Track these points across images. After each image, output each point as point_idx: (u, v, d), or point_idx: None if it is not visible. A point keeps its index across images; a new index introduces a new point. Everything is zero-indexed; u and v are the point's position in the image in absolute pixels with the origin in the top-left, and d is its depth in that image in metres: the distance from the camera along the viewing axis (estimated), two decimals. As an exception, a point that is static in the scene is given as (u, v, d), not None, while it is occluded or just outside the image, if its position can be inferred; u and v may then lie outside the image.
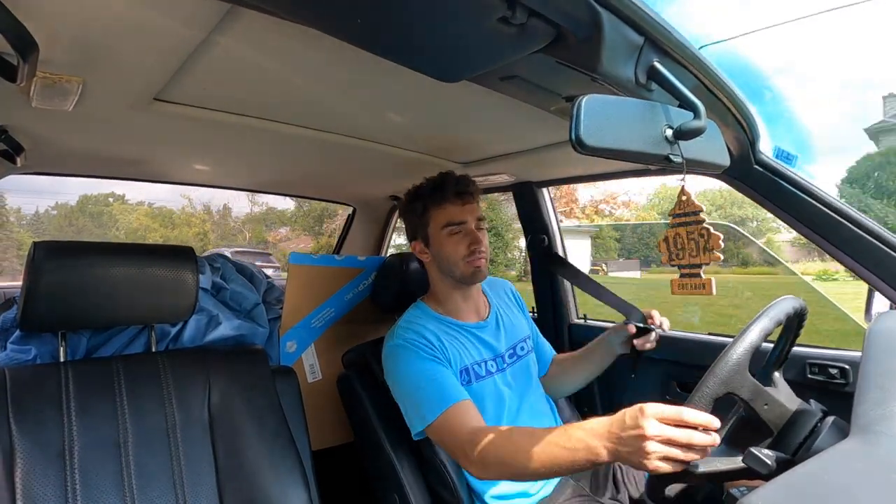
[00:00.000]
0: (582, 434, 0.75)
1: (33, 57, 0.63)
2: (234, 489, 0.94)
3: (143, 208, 23.17)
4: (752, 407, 0.69)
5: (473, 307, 1.19)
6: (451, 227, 1.11)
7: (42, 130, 1.06)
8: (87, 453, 0.87)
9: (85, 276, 0.93)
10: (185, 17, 0.64)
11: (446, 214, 1.11)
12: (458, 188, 1.11)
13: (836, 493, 0.50)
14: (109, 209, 23.48)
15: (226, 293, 1.29)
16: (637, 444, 0.66)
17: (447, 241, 1.11)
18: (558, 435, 0.78)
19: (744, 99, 0.77)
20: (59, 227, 22.26)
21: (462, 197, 1.11)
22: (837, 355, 1.07)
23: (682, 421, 0.65)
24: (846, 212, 0.86)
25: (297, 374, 1.14)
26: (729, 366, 0.67)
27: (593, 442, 0.73)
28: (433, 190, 1.13)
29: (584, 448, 0.74)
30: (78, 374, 0.92)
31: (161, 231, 21.61)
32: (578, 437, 0.75)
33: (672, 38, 0.60)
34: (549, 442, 0.78)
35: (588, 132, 0.51)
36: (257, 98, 0.94)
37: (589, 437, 0.74)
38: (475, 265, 1.10)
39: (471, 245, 1.10)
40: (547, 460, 0.78)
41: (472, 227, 1.11)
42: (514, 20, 0.51)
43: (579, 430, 0.76)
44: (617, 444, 0.70)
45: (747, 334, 0.68)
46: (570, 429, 0.78)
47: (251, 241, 21.58)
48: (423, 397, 0.99)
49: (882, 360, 0.64)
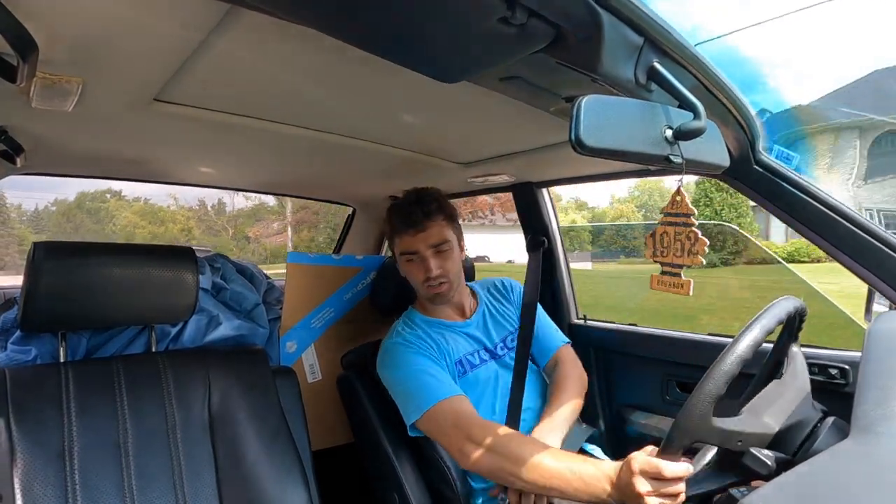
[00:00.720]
0: (597, 473, 0.82)
1: (33, 57, 0.63)
2: (234, 489, 0.94)
3: (137, 205, 24.30)
4: (727, 448, 0.70)
5: (457, 309, 1.24)
6: (406, 256, 1.16)
7: (42, 131, 1.06)
8: (87, 453, 0.87)
9: (85, 277, 0.93)
10: (184, 18, 0.63)
11: (401, 244, 1.16)
12: (409, 217, 1.13)
13: (836, 493, 0.50)
14: (106, 205, 24.43)
15: (226, 293, 1.29)
16: (637, 500, 0.74)
17: (407, 268, 1.17)
18: (572, 461, 0.86)
19: (744, 99, 0.77)
20: (58, 223, 23.05)
21: (415, 226, 1.13)
22: (837, 355, 1.07)
23: (662, 476, 0.72)
24: (846, 212, 0.86)
25: (297, 374, 1.15)
26: (693, 418, 0.67)
27: (603, 483, 0.81)
28: (394, 215, 1.17)
29: (601, 490, 0.81)
30: (78, 374, 0.92)
31: (149, 228, 22.84)
32: (595, 476, 0.82)
33: (672, 38, 0.60)
34: (568, 470, 0.84)
35: (588, 133, 0.51)
36: (257, 98, 0.94)
37: (604, 479, 0.81)
38: (433, 291, 1.15)
39: (425, 273, 1.13)
40: (560, 485, 0.84)
41: (425, 254, 1.13)
42: (513, 21, 0.51)
43: (589, 467, 0.83)
44: (621, 492, 0.78)
45: (705, 384, 0.67)
46: (578, 459, 0.85)
47: (234, 236, 22.80)
48: (416, 389, 1.02)
49: (882, 360, 0.64)
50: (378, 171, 1.52)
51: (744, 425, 0.69)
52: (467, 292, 1.28)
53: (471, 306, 1.26)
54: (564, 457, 0.87)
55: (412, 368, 1.05)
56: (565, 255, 1.66)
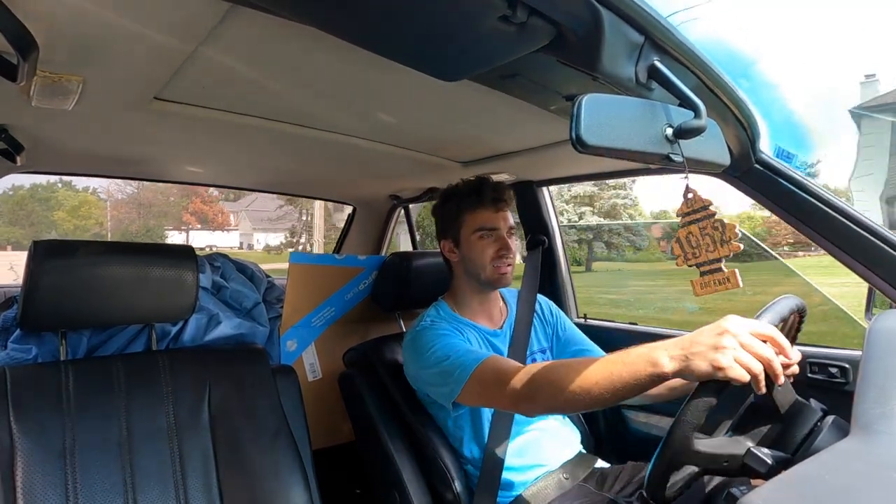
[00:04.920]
0: (644, 349, 0.72)
1: (33, 56, 0.63)
2: (234, 488, 0.94)
3: (83, 195, 28.38)
4: (714, 469, 0.69)
5: (487, 313, 1.22)
6: (482, 232, 1.14)
7: (42, 130, 1.06)
8: (87, 453, 0.87)
9: (85, 276, 0.93)
10: (185, 17, 0.63)
11: (480, 219, 1.14)
12: (494, 194, 1.14)
13: (835, 491, 0.50)
14: (56, 195, 28.31)
15: (226, 292, 1.29)
16: (713, 340, 0.64)
17: (477, 245, 1.14)
18: (616, 354, 0.76)
19: (744, 97, 0.77)
20: (12, 210, 27.57)
21: (497, 203, 1.14)
22: (837, 354, 1.07)
23: (770, 337, 0.64)
24: (846, 210, 0.86)
25: (298, 373, 1.15)
26: (673, 447, 0.66)
27: (656, 352, 0.69)
28: (469, 193, 1.15)
29: (646, 360, 0.70)
30: (78, 373, 0.92)
31: (72, 221, 26.96)
32: (639, 352, 0.72)
33: (672, 37, 0.60)
34: (607, 360, 0.76)
35: (588, 131, 0.51)
36: (257, 97, 0.94)
37: (651, 350, 0.71)
38: (501, 271, 1.14)
39: (500, 250, 1.13)
40: (603, 378, 0.73)
41: (503, 233, 1.14)
42: (514, 19, 0.51)
43: (642, 347, 0.73)
44: (687, 348, 0.66)
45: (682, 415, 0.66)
46: (630, 349, 0.75)
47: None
48: (453, 363, 0.99)
49: (882, 359, 0.64)
50: (378, 169, 1.52)
51: (724, 442, 0.70)
52: (499, 297, 1.26)
53: (501, 313, 1.24)
54: (606, 357, 0.78)
55: (442, 349, 1.03)
56: (565, 254, 1.66)
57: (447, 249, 1.19)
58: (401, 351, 1.21)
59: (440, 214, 1.21)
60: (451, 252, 1.19)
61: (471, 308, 1.19)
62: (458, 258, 1.18)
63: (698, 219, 0.67)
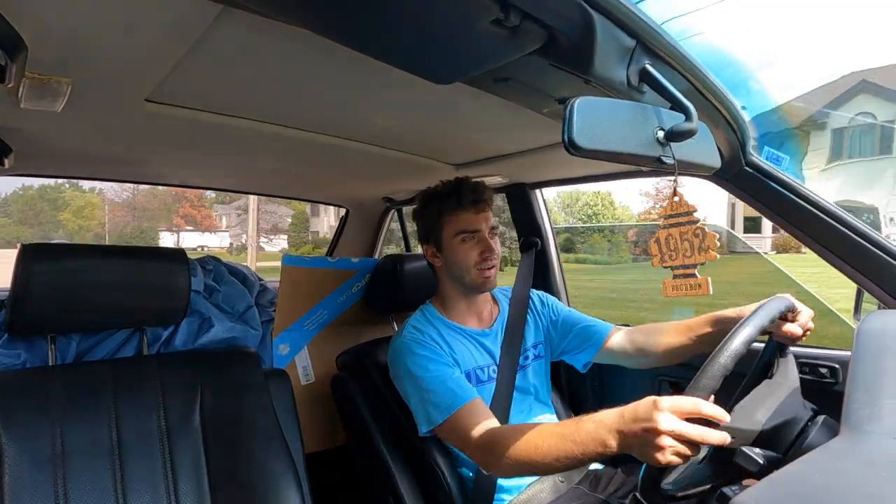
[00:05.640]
0: (592, 426, 0.75)
1: (22, 57, 0.63)
2: (226, 493, 0.93)
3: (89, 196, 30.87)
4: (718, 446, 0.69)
5: (476, 314, 1.20)
6: (464, 235, 1.12)
7: (31, 131, 1.05)
8: (77, 459, 0.86)
9: (75, 279, 0.92)
10: (176, 18, 0.63)
11: (460, 222, 1.12)
12: (474, 196, 1.12)
13: (825, 491, 0.50)
14: (63, 195, 30.77)
15: (218, 295, 1.28)
16: (650, 439, 0.66)
17: (459, 248, 1.12)
18: (569, 428, 0.79)
19: (734, 101, 0.78)
20: (21, 209, 29.76)
21: (477, 205, 1.12)
22: (827, 355, 1.08)
23: (700, 414, 0.64)
24: (835, 212, 0.87)
25: (290, 376, 1.14)
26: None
27: (603, 433, 0.72)
28: (448, 195, 1.13)
29: (594, 440, 0.74)
30: (67, 378, 0.91)
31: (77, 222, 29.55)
32: (588, 430, 0.75)
33: (664, 41, 0.60)
34: (561, 436, 0.79)
35: (581, 134, 0.51)
36: (250, 99, 0.94)
37: (599, 429, 0.73)
38: (485, 275, 1.12)
39: (483, 253, 1.11)
40: (559, 455, 0.78)
41: (485, 235, 1.12)
42: (507, 22, 0.51)
43: (589, 423, 0.76)
44: (627, 436, 0.69)
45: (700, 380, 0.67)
46: (581, 422, 0.77)
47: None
48: (432, 398, 0.99)
49: (871, 359, 0.65)
50: (371, 172, 1.52)
51: (735, 422, 0.70)
52: (489, 297, 1.24)
53: (491, 313, 1.23)
54: (558, 426, 0.83)
55: (423, 376, 1.02)
56: (559, 256, 1.67)
57: (430, 254, 1.18)
58: None
59: (421, 218, 1.19)
60: (434, 257, 1.17)
61: (458, 310, 1.18)
62: (442, 263, 1.16)
63: (681, 223, 0.68)
